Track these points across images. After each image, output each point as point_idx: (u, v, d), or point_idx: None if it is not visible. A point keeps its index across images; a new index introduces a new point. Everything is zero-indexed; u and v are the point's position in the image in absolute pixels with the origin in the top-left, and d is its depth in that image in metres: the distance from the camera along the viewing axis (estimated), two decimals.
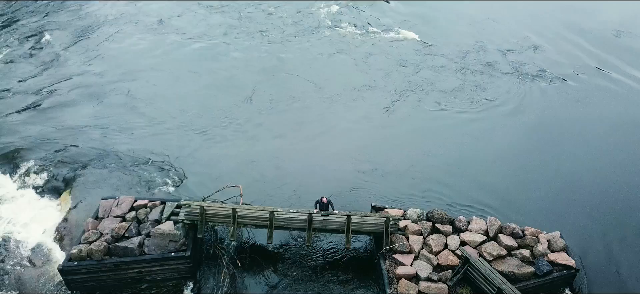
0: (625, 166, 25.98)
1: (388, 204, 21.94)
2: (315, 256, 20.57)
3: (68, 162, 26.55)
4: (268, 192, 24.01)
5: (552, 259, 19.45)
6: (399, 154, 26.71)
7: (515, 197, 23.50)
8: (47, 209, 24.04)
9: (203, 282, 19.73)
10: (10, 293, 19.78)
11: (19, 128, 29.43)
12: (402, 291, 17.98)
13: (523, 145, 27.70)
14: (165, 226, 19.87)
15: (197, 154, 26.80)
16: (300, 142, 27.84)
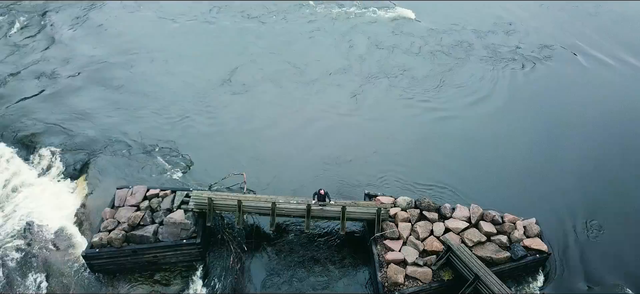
0: (599, 152, 27.98)
1: (380, 191, 24.00)
2: (314, 241, 22.66)
3: (80, 148, 28.29)
4: (269, 176, 25.99)
5: (526, 244, 21.56)
6: (387, 141, 28.68)
7: (498, 184, 25.47)
8: (65, 195, 25.97)
9: (212, 265, 21.88)
10: (39, 274, 21.98)
11: (31, 113, 30.97)
12: (391, 274, 20.14)
13: (504, 134, 29.55)
14: (177, 215, 21.83)
15: (200, 140, 28.59)
16: (295, 129, 29.80)
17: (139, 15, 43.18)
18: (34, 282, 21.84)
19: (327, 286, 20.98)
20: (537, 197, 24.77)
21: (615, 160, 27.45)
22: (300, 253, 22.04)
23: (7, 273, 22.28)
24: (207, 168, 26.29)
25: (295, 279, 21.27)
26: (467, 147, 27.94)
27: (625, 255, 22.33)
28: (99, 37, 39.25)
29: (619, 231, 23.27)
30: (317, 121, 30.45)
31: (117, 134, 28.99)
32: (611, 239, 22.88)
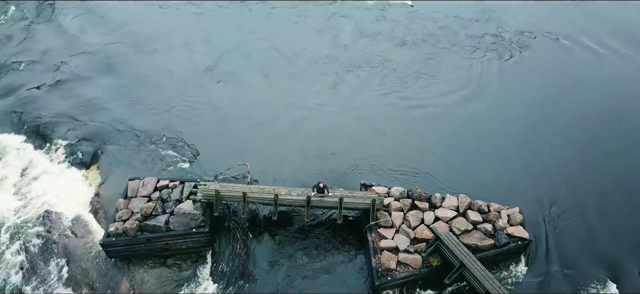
0: (581, 141, 29.65)
1: (375, 181, 25.63)
2: (313, 229, 24.45)
3: (90, 138, 29.75)
4: (272, 165, 27.60)
5: (510, 232, 23.34)
6: (379, 132, 30.27)
7: (486, 174, 27.07)
8: (79, 184, 27.59)
9: (220, 250, 23.70)
10: (60, 259, 23.80)
11: (41, 103, 32.30)
12: (384, 261, 21.97)
13: (493, 124, 31.00)
14: (186, 205, 23.50)
15: (204, 130, 30.05)
16: (294, 118, 31.38)
17: (141, 4, 43.93)
18: (56, 266, 23.69)
19: (325, 270, 22.86)
20: (522, 187, 26.41)
21: (597, 148, 29.09)
22: (301, 239, 23.89)
23: (30, 258, 24.14)
24: (212, 158, 27.80)
25: (296, 264, 23.15)
26: (457, 138, 29.45)
27: (601, 241, 24.13)
28: (103, 26, 40.11)
29: (598, 218, 25.02)
30: (314, 111, 31.92)
31: (124, 123, 30.42)
32: (590, 226, 24.67)
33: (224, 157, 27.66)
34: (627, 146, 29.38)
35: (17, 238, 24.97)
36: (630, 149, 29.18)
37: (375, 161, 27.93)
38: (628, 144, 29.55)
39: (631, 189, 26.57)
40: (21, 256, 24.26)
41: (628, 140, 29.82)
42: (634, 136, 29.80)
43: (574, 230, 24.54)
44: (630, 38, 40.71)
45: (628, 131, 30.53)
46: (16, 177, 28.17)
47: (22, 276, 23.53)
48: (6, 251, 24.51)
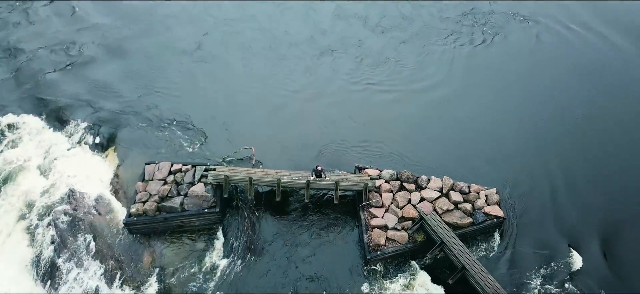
0: (557, 124, 32.21)
1: (368, 164, 28.27)
2: (312, 208, 27.37)
3: (106, 121, 32.22)
4: (274, 147, 30.21)
5: (487, 211, 26.24)
6: (372, 118, 32.78)
7: (470, 158, 29.75)
8: (98, 165, 30.21)
9: (229, 227, 26.66)
10: (87, 235, 26.69)
11: (58, 86, 34.52)
12: (374, 237, 24.94)
13: (478, 107, 33.43)
14: (198, 188, 26.25)
15: (212, 114, 32.39)
16: (294, 103, 33.83)
17: None
18: (84, 241, 26.63)
19: (323, 244, 25.92)
20: (501, 168, 29.18)
21: (567, 130, 31.71)
22: (301, 217, 26.85)
23: (59, 234, 27.04)
24: (219, 141, 30.43)
25: (297, 239, 26.18)
26: (445, 123, 31.99)
27: (568, 216, 27.09)
28: (111, 9, 41.59)
29: (566, 195, 27.94)
30: (311, 97, 34.37)
31: (136, 107, 32.84)
32: (558, 203, 27.59)
33: (230, 140, 30.35)
34: (596, 127, 31.97)
35: (46, 215, 27.81)
36: (598, 129, 31.80)
37: (369, 144, 30.62)
38: (597, 124, 32.13)
39: (597, 167, 29.44)
40: (52, 231, 27.16)
41: (598, 121, 32.37)
42: (603, 117, 32.40)
43: (544, 207, 27.49)
44: (603, 17, 42.43)
45: (599, 112, 33.03)
46: (40, 159, 30.77)
47: (54, 249, 26.52)
48: (38, 227, 27.42)
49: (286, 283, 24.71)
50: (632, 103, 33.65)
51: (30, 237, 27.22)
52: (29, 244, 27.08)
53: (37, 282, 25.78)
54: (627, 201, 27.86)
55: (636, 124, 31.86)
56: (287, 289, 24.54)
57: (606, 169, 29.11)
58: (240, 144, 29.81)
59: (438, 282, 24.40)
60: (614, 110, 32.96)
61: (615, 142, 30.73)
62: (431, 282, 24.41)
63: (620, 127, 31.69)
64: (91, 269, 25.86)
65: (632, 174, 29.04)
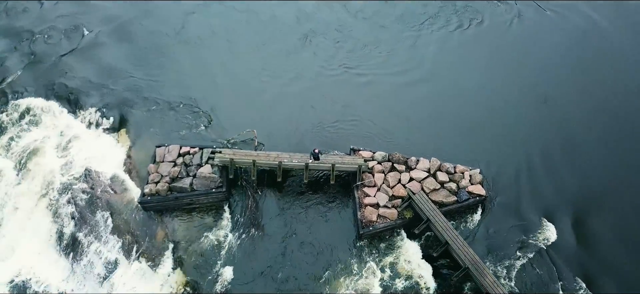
0: (538, 107, 34.23)
1: (362, 146, 30.47)
2: (311, 187, 29.80)
3: (117, 104, 34.23)
4: (274, 130, 32.31)
5: (470, 190, 28.65)
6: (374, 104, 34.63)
7: (457, 140, 31.94)
8: (111, 146, 32.42)
9: (235, 205, 29.14)
10: (105, 212, 29.16)
11: (69, 69, 36.34)
12: (367, 214, 27.42)
13: (465, 90, 35.26)
14: (205, 169, 28.55)
15: (215, 98, 34.30)
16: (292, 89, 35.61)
17: None
18: (102, 217, 29.15)
19: (320, 220, 28.49)
20: (485, 149, 31.42)
21: (550, 112, 33.74)
22: (300, 196, 29.33)
23: (79, 210, 29.53)
24: (224, 124, 32.52)
25: (296, 215, 28.73)
26: (434, 107, 34.05)
27: (544, 192, 29.52)
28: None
29: (543, 174, 30.31)
30: (308, 82, 36.21)
31: (144, 90, 34.79)
32: (536, 181, 29.97)
33: (233, 121, 32.44)
34: (572, 108, 34.01)
35: (66, 193, 30.26)
36: (574, 110, 33.86)
37: (363, 127, 32.83)
38: (574, 105, 34.15)
39: (573, 147, 31.70)
40: (71, 208, 29.66)
41: (575, 102, 34.37)
42: (580, 98, 34.45)
43: (522, 184, 29.90)
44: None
45: (577, 94, 34.99)
46: (56, 139, 32.93)
47: (75, 225, 29.09)
48: (58, 204, 29.92)
49: (287, 254, 27.40)
50: (608, 84, 35.59)
51: (52, 213, 29.76)
52: (51, 219, 29.64)
53: (61, 254, 28.45)
54: (600, 177, 30.32)
55: (611, 105, 33.99)
56: (289, 260, 27.30)
57: (581, 148, 31.42)
58: (242, 126, 31.96)
59: (425, 255, 27.11)
60: (591, 91, 35.00)
61: (590, 123, 32.94)
62: (418, 255, 27.12)
63: (595, 108, 33.81)
64: (110, 243, 28.54)
65: (606, 152, 31.41)
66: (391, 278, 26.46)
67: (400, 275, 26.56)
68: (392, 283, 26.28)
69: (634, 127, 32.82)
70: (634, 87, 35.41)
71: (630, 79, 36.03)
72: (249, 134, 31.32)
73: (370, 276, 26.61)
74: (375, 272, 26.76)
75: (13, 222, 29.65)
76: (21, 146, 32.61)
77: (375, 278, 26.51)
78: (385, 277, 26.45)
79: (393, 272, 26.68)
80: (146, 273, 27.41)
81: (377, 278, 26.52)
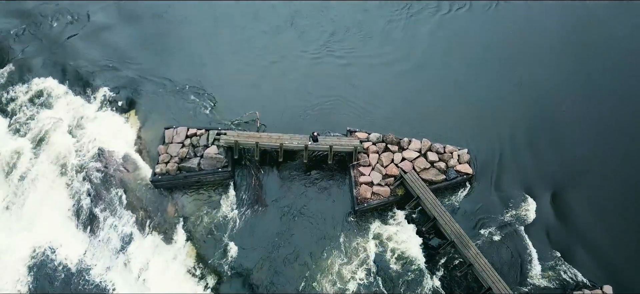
0: (524, 89, 36.07)
1: (358, 128, 32.42)
2: (310, 167, 31.93)
3: (125, 86, 36.08)
4: (276, 112, 34.20)
5: (458, 169, 30.81)
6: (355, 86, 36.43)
7: (448, 122, 33.89)
8: (122, 127, 34.37)
9: (239, 182, 31.38)
10: (119, 190, 31.35)
11: (78, 52, 37.99)
12: (362, 192, 29.65)
13: (454, 74, 37.04)
14: (212, 150, 30.64)
15: (219, 80, 35.99)
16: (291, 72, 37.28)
17: None
18: (116, 194, 31.39)
19: (319, 197, 30.77)
20: (475, 130, 33.46)
21: (534, 95, 35.55)
22: (300, 175, 31.54)
23: (95, 187, 31.74)
24: (228, 105, 34.38)
25: (297, 192, 30.99)
26: (427, 91, 35.90)
27: (526, 170, 31.80)
28: None
29: (526, 153, 32.49)
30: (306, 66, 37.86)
31: (151, 73, 36.62)
32: (520, 162, 32.12)
33: (237, 103, 34.27)
34: (555, 91, 35.80)
35: (81, 171, 32.42)
36: (557, 94, 35.67)
37: (358, 109, 34.82)
38: (557, 89, 35.95)
39: (555, 128, 33.71)
40: (87, 185, 31.86)
41: (558, 86, 36.16)
42: (564, 81, 36.24)
43: (507, 163, 32.16)
44: None
45: (560, 77, 36.73)
46: (69, 120, 34.83)
47: (91, 201, 31.37)
48: (75, 181, 32.11)
49: (287, 228, 29.81)
50: (590, 69, 37.29)
51: (69, 190, 32.01)
52: (68, 195, 31.91)
53: (79, 227, 30.84)
54: (578, 156, 32.44)
55: (593, 87, 35.87)
56: (289, 232, 29.69)
57: (562, 129, 33.44)
58: (245, 108, 33.88)
59: (415, 229, 29.51)
60: (574, 73, 36.80)
61: (572, 104, 34.85)
62: (409, 229, 29.51)
63: (577, 90, 35.72)
64: (124, 217, 30.87)
65: (585, 132, 33.46)
66: (384, 249, 28.93)
67: (392, 247, 29.02)
68: (384, 254, 28.76)
69: (613, 107, 34.77)
70: (614, 69, 37.16)
71: (611, 62, 37.71)
72: (252, 116, 33.27)
73: (365, 248, 29.04)
74: (369, 244, 29.20)
75: (33, 197, 31.88)
76: (37, 126, 34.54)
77: (369, 250, 28.96)
78: (378, 249, 28.92)
79: (385, 244, 29.12)
80: (159, 246, 29.88)
81: (371, 249, 28.97)
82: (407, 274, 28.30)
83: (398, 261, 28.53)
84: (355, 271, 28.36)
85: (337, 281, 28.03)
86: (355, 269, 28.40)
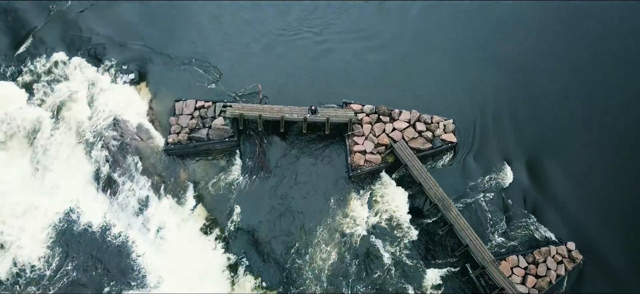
0: (503, 63, 38.60)
1: (353, 100, 35.11)
2: (309, 136, 34.91)
3: (135, 59, 38.43)
4: (278, 84, 36.80)
5: (444, 138, 33.84)
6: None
7: (435, 93, 36.66)
8: (134, 98, 36.93)
9: (245, 151, 34.46)
10: (135, 157, 34.30)
11: (88, 26, 39.91)
12: (356, 160, 32.74)
13: (444, 50, 39.28)
14: (219, 121, 33.56)
15: (225, 54, 38.32)
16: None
17: None
18: (133, 161, 34.37)
19: (317, 164, 33.95)
20: (461, 101, 36.29)
21: (516, 68, 38.16)
22: (300, 144, 34.66)
23: (112, 154, 34.67)
24: (232, 78, 36.84)
25: (297, 159, 34.19)
26: (419, 64, 38.45)
27: (507, 139, 34.94)
28: None
29: (508, 123, 35.53)
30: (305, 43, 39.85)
31: (159, 46, 38.80)
32: (501, 131, 35.22)
33: (240, 76, 36.78)
34: (539, 66, 38.36)
35: (99, 139, 35.22)
36: (540, 67, 38.31)
37: (354, 82, 37.44)
38: (541, 63, 38.48)
39: (535, 100, 36.60)
40: (105, 152, 34.78)
41: (542, 59, 38.68)
42: (546, 56, 38.70)
43: (489, 132, 35.33)
44: None
45: (544, 51, 39.13)
46: (85, 91, 37.30)
47: (109, 167, 34.39)
48: (94, 149, 35.01)
49: (288, 191, 33.17)
50: (569, 44, 39.69)
51: (89, 157, 34.98)
52: (88, 162, 34.92)
53: (99, 190, 34.05)
54: (556, 127, 35.51)
55: (572, 62, 38.44)
56: (290, 194, 33.02)
57: (542, 101, 36.37)
58: (248, 80, 36.46)
59: (403, 192, 32.87)
60: (555, 49, 39.20)
61: (552, 78, 37.62)
62: (397, 192, 32.89)
63: (558, 65, 38.31)
64: (141, 182, 34.04)
65: (563, 104, 36.40)
66: (374, 211, 32.44)
67: (382, 209, 32.51)
68: (375, 215, 32.28)
69: (591, 82, 37.57)
70: (591, 46, 39.62)
71: (589, 38, 40.06)
72: (255, 88, 35.88)
73: (358, 210, 32.55)
74: (362, 206, 32.69)
75: (56, 164, 34.86)
76: (55, 97, 37.01)
77: (361, 211, 32.50)
78: (370, 210, 32.46)
79: (376, 206, 32.61)
80: (173, 208, 33.27)
81: (363, 210, 32.50)
82: (394, 231, 31.90)
83: (387, 220, 32.05)
84: (349, 227, 31.93)
85: (333, 236, 31.67)
86: (349, 226, 31.98)
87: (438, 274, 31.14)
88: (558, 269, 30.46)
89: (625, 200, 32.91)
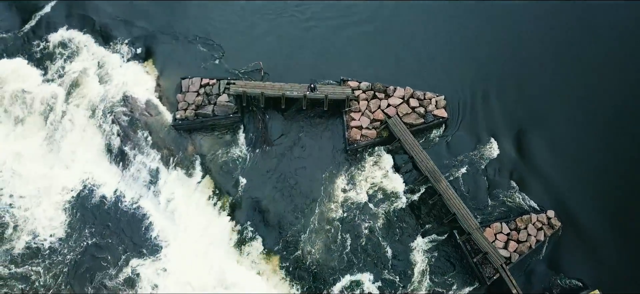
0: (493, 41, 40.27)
1: (350, 77, 36.93)
2: (308, 112, 36.95)
3: (141, 37, 40.10)
4: (278, 61, 38.57)
5: (435, 113, 35.89)
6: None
7: (429, 70, 38.49)
8: (142, 75, 38.75)
9: (247, 125, 36.61)
10: (144, 131, 36.41)
11: (97, 7, 40.97)
12: (353, 134, 34.89)
13: (436, 29, 40.89)
14: (223, 98, 35.51)
15: (228, 32, 39.86)
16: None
17: None
18: (143, 135, 36.56)
19: (316, 138, 36.14)
20: (451, 77, 38.19)
21: (504, 45, 39.92)
22: (300, 119, 36.76)
23: (123, 128, 36.83)
24: (234, 55, 38.54)
25: (297, 134, 36.37)
26: (411, 43, 40.08)
27: (494, 114, 37.00)
28: None
29: (496, 98, 37.49)
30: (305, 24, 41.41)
31: (164, 24, 40.23)
32: (489, 107, 37.25)
33: (242, 53, 38.49)
34: (528, 43, 40.03)
35: (110, 114, 37.28)
36: (529, 45, 39.98)
37: (350, 59, 39.22)
38: (530, 41, 40.12)
39: (522, 77, 38.47)
40: (116, 127, 36.93)
41: (531, 37, 40.29)
42: (535, 34, 40.33)
43: (478, 108, 37.33)
44: None
45: (533, 29, 40.75)
46: (95, 68, 39.16)
47: (121, 140, 36.58)
48: (105, 123, 37.11)
49: (289, 164, 35.51)
50: (554, 23, 41.19)
51: (100, 130, 37.08)
52: (101, 136, 37.06)
53: (112, 163, 36.32)
54: (542, 103, 37.50)
55: (560, 39, 40.10)
56: (291, 167, 35.34)
57: (530, 77, 38.22)
58: (249, 57, 38.20)
59: (396, 165, 35.21)
60: (544, 26, 40.83)
61: (537, 57, 39.36)
62: (391, 164, 35.20)
63: (547, 41, 40.00)
64: (151, 155, 36.30)
65: (549, 80, 38.28)
66: (370, 182, 34.81)
67: (376, 180, 34.88)
68: (370, 186, 34.68)
69: (573, 60, 39.35)
70: (577, 27, 41.10)
71: (574, 18, 41.48)
72: (256, 66, 37.66)
73: (354, 181, 34.89)
74: (358, 178, 35.02)
75: (70, 137, 37.05)
76: (67, 74, 38.86)
77: (357, 182, 34.85)
78: (365, 182, 34.81)
79: (371, 178, 34.95)
80: (181, 179, 35.63)
81: (359, 182, 34.85)
82: (388, 201, 34.38)
83: (381, 191, 34.48)
84: (346, 196, 34.38)
85: (330, 205, 34.13)
86: (346, 196, 34.41)
87: (428, 239, 33.75)
88: (538, 235, 33.10)
89: (602, 172, 35.30)
